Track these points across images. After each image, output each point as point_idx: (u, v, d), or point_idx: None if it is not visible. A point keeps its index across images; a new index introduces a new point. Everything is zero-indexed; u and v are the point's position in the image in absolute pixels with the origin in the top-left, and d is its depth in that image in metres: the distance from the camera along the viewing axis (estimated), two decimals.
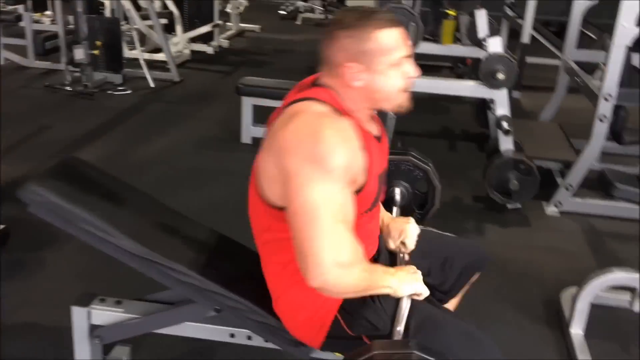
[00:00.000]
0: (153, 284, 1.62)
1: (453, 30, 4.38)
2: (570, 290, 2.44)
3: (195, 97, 5.23)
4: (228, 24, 7.74)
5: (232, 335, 1.68)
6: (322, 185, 1.29)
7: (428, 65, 4.81)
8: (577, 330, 2.28)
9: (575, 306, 2.27)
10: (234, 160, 3.73)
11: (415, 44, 3.42)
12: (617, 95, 3.09)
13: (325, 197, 1.29)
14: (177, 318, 1.68)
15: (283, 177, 1.33)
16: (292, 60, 6.75)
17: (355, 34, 1.40)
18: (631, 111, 3.26)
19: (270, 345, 1.65)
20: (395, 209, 2.09)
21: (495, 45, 3.27)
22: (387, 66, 1.42)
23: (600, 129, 3.16)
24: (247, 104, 4.09)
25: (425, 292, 1.48)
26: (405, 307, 1.45)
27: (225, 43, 7.18)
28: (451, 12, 4.39)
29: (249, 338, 1.67)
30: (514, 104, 3.79)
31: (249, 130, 4.13)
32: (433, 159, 2.41)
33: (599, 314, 2.29)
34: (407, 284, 1.45)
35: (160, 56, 5.73)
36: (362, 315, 1.48)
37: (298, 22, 9.22)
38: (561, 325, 2.37)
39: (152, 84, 5.32)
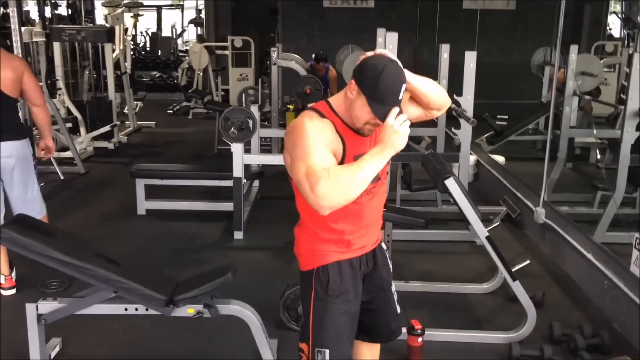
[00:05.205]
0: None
1: None
2: None
3: (98, 184, 6.39)
4: (126, 122, 9.01)
5: (126, 309, 2.83)
6: (301, 147, 1.76)
7: None
8: None
9: None
10: (132, 228, 4.92)
11: None
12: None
13: (305, 150, 1.74)
14: (89, 301, 2.79)
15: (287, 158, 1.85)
16: (181, 148, 8.08)
17: (369, 68, 1.74)
18: None
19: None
20: None
21: None
22: (366, 99, 1.73)
23: None
24: (140, 184, 5.33)
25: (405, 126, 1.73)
26: None
27: (124, 139, 8.40)
28: None
29: (136, 309, 2.82)
30: None
31: (142, 205, 5.34)
32: None
33: None
34: (393, 142, 1.72)
35: (67, 153, 6.88)
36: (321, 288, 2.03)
37: (189, 117, 10.57)
38: None
39: (61, 177, 6.44)
